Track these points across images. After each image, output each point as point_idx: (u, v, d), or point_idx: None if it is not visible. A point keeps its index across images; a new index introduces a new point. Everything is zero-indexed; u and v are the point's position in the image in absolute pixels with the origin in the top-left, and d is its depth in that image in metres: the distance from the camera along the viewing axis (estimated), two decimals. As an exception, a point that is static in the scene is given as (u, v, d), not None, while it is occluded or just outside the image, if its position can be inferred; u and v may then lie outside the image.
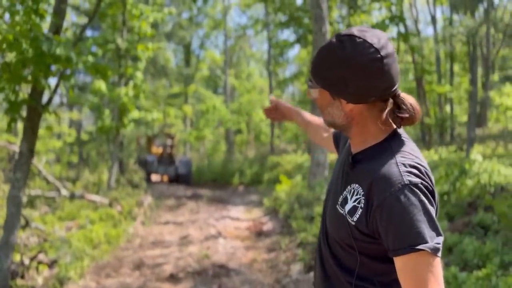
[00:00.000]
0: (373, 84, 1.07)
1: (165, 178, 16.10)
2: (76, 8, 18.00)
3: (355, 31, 1.08)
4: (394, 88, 1.10)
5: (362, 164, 1.14)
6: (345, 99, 1.11)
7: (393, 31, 19.23)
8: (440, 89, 17.60)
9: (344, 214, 1.13)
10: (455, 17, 20.14)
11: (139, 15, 9.90)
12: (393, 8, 16.68)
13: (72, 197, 8.22)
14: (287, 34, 54.20)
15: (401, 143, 1.13)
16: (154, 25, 14.10)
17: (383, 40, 1.08)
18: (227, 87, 24.36)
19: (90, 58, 3.92)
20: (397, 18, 16.14)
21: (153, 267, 5.17)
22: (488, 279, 2.94)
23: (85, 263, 5.02)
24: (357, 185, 1.13)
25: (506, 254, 3.32)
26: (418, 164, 1.08)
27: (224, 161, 18.84)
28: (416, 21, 19.93)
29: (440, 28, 20.54)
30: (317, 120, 1.75)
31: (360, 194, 1.10)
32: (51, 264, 4.86)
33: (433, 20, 19.14)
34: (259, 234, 7.05)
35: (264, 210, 9.19)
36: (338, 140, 1.55)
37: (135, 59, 10.41)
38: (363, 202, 1.09)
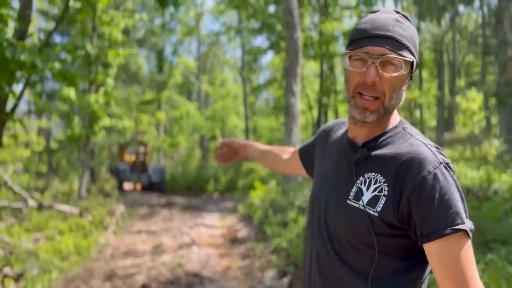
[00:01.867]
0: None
1: (138, 186, 15.85)
2: (44, 13, 17.59)
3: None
4: None
5: (379, 150, 1.06)
6: (412, 73, 1.09)
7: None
8: (409, 95, 18.04)
9: (361, 207, 1.04)
10: (423, 24, 20.74)
11: (110, 21, 9.75)
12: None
13: (40, 207, 7.96)
14: (261, 41, 54.58)
15: (413, 129, 1.10)
16: (126, 31, 13.92)
17: None
18: (201, 93, 24.28)
19: (57, 65, 3.82)
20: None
21: (125, 278, 5.05)
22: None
23: (53, 276, 4.86)
24: (373, 173, 1.04)
25: (472, 254, 3.41)
26: (438, 146, 1.05)
27: (198, 168, 18.71)
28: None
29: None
30: (274, 148, 1.66)
31: (380, 182, 1.02)
32: (17, 278, 4.68)
33: (402, 27, 19.62)
34: (234, 241, 7.01)
35: (239, 217, 9.15)
36: (308, 153, 1.41)
37: (106, 65, 10.24)
38: (386, 189, 1.01)
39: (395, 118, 1.11)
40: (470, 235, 0.97)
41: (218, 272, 5.23)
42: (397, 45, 1.03)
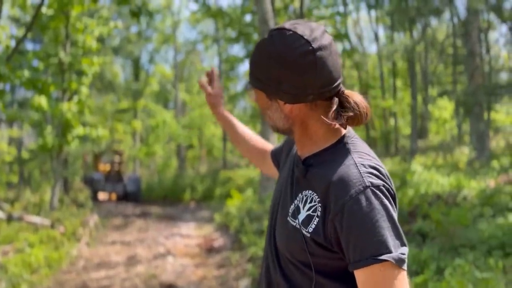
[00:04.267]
0: (307, 80, 0.96)
1: (113, 196, 15.58)
2: (16, 20, 17.22)
3: (286, 24, 0.99)
4: (335, 85, 0.99)
5: (316, 168, 1.02)
6: (281, 99, 1.01)
7: (339, 48, 19.98)
8: (384, 103, 18.41)
9: (297, 225, 1.00)
10: (396, 35, 21.25)
11: (84, 28, 9.62)
12: (338, 25, 17.34)
13: (9, 219, 7.72)
14: (237, 49, 54.79)
15: (356, 144, 1.03)
16: (101, 39, 13.76)
17: (317, 31, 0.97)
18: (177, 102, 24.17)
19: (26, 73, 3.74)
20: (342, 36, 16.78)
21: (97, 290, 4.95)
22: (425, 285, 3.08)
23: (21, 290, 4.71)
24: (310, 192, 1.00)
25: (442, 260, 3.49)
26: (378, 165, 0.98)
27: (175, 177, 18.53)
28: (360, 38, 20.80)
29: (382, 45, 21.60)
30: (248, 136, 1.61)
31: (315, 201, 0.98)
32: (-17, 293, 4.52)
33: (376, 37, 20.09)
34: (210, 250, 6.96)
35: (215, 226, 9.09)
36: (278, 157, 1.39)
37: (80, 73, 10.07)
38: (319, 210, 0.96)
39: (336, 132, 1.05)
40: (401, 265, 0.90)
41: (193, 282, 5.17)
42: (250, 72, 1.06)
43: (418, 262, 3.56)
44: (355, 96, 1.03)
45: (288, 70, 0.96)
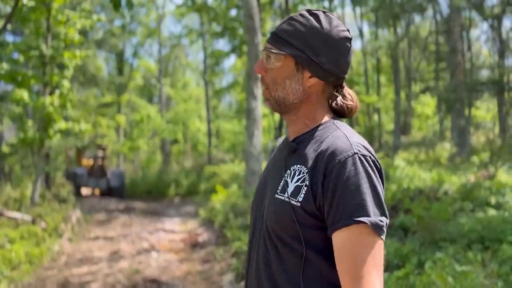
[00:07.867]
0: (339, 61, 1.06)
1: (97, 191, 15.40)
2: (-4, 12, 16.79)
3: (321, 11, 1.09)
4: (345, 76, 1.10)
5: (305, 144, 1.07)
6: (311, 71, 1.05)
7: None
8: (368, 99, 18.56)
9: (285, 198, 1.03)
10: (380, 31, 21.41)
11: (65, 21, 9.43)
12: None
13: (-11, 215, 7.56)
14: (223, 44, 54.66)
15: (344, 125, 1.10)
16: (83, 32, 13.51)
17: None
18: (162, 96, 23.97)
19: (5, 65, 3.65)
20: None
21: (80, 286, 4.89)
22: (406, 278, 3.13)
23: (2, 286, 4.64)
24: (298, 166, 1.04)
25: (423, 253, 3.56)
26: (366, 143, 1.04)
27: (159, 172, 18.40)
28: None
29: (367, 41, 21.73)
30: None
31: (303, 173, 1.02)
32: (-38, 290, 4.43)
33: (361, 33, 20.22)
34: (194, 245, 6.95)
35: (200, 221, 9.08)
36: None
37: (62, 66, 9.88)
38: (308, 179, 1.00)
39: (324, 114, 1.11)
40: (378, 233, 0.92)
41: (177, 277, 5.16)
42: (277, 39, 1.08)
43: (400, 256, 3.62)
44: (350, 90, 1.15)
45: (328, 47, 1.05)
